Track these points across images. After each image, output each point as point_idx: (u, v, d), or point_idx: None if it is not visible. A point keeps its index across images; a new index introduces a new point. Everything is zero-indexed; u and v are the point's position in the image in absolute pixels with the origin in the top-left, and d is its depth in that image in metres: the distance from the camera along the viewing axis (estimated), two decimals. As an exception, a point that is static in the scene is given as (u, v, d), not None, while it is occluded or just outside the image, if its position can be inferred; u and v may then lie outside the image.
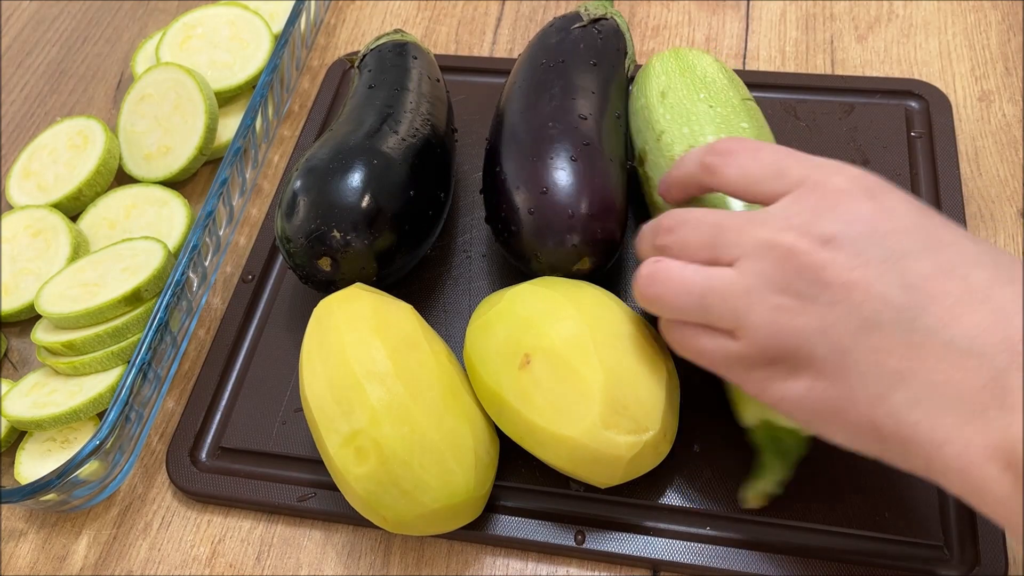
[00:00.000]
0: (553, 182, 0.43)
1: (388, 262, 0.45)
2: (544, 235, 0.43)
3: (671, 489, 0.42)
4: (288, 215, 0.45)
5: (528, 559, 0.42)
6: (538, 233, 0.43)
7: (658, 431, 0.38)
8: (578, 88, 0.47)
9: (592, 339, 0.38)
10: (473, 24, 0.66)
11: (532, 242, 0.43)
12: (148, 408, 0.47)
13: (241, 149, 0.53)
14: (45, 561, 0.45)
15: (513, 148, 0.45)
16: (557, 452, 0.38)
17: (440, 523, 0.38)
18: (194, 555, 0.44)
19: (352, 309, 0.41)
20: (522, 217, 0.43)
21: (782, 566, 0.39)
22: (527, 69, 0.49)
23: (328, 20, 0.68)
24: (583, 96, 0.46)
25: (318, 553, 0.43)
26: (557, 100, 0.46)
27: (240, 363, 0.49)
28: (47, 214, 0.54)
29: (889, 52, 0.59)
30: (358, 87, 0.52)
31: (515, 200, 0.43)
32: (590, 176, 0.43)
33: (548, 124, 0.45)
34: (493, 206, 0.45)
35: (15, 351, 0.53)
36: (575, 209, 0.42)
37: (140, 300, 0.48)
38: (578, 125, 0.45)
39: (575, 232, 0.42)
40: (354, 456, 0.37)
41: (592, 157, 0.44)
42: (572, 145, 0.44)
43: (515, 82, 0.49)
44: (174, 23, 0.62)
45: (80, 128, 0.58)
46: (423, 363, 0.39)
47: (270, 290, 0.52)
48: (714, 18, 0.63)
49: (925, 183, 0.51)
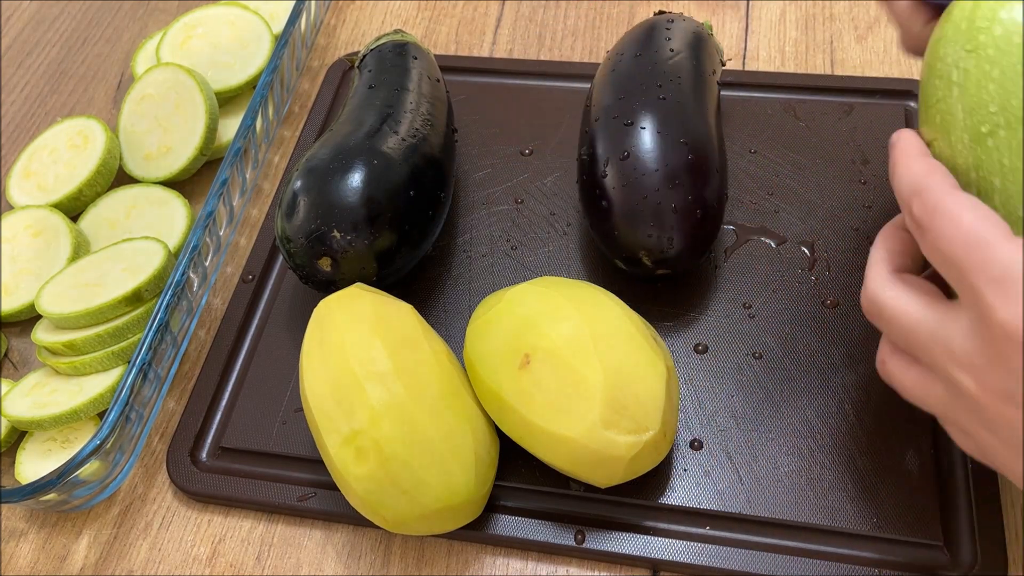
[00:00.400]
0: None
1: (388, 262, 0.45)
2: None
3: (671, 489, 0.42)
4: (288, 215, 0.45)
5: (528, 559, 0.42)
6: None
7: (658, 431, 0.38)
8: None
9: (592, 339, 0.38)
10: (473, 24, 0.66)
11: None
12: (148, 408, 0.47)
13: (241, 149, 0.53)
14: (45, 561, 0.45)
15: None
16: (557, 452, 0.38)
17: (440, 523, 0.38)
18: (194, 555, 0.44)
19: (352, 309, 0.41)
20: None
21: (782, 566, 0.39)
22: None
23: (328, 20, 0.68)
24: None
25: (318, 553, 0.43)
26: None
27: (240, 363, 0.49)
28: (47, 214, 0.54)
29: (889, 52, 0.59)
30: (358, 87, 0.52)
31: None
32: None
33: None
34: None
35: (15, 351, 0.53)
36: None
37: (140, 300, 0.48)
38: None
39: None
40: (354, 456, 0.37)
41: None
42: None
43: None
44: (174, 23, 0.62)
45: (80, 128, 0.58)
46: (423, 363, 0.39)
47: (270, 290, 0.52)
48: (714, 18, 0.63)
49: (925, 183, 0.51)
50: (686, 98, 0.46)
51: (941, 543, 0.39)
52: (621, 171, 0.44)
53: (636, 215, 0.43)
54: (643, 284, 0.48)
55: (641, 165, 0.43)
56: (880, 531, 0.40)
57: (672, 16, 0.52)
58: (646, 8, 0.64)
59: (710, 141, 0.45)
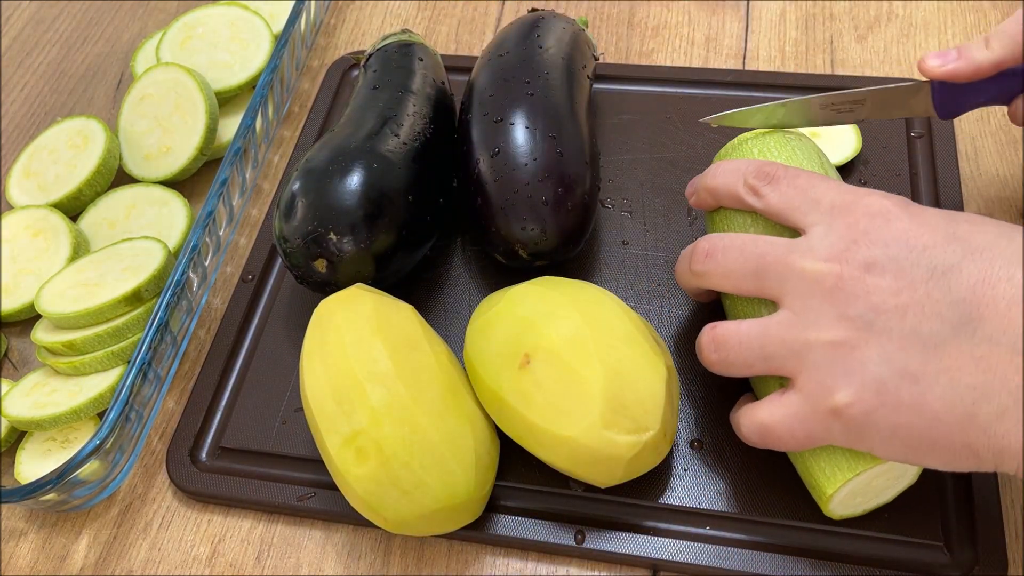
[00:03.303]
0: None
1: (385, 265, 0.45)
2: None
3: (671, 489, 0.42)
4: (286, 216, 0.45)
5: (528, 559, 0.42)
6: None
7: (658, 431, 0.38)
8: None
9: (592, 339, 0.38)
10: (473, 24, 0.66)
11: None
12: (148, 408, 0.47)
13: (241, 149, 0.53)
14: (45, 561, 0.45)
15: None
16: (557, 452, 0.38)
17: (440, 523, 0.38)
18: (194, 555, 0.44)
19: (353, 309, 0.41)
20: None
21: (782, 566, 0.39)
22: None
23: (328, 20, 0.68)
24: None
25: (318, 553, 0.43)
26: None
27: (240, 363, 0.49)
28: (47, 214, 0.54)
29: (889, 52, 0.59)
30: (361, 88, 0.52)
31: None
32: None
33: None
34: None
35: (15, 351, 0.53)
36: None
37: (140, 300, 0.48)
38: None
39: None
40: (354, 456, 0.37)
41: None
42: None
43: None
44: (174, 23, 0.62)
45: (80, 128, 0.58)
46: (424, 363, 0.39)
47: (270, 290, 0.52)
48: (714, 18, 0.63)
49: (925, 183, 0.51)
50: (555, 93, 0.47)
51: (941, 543, 0.39)
52: (492, 167, 0.45)
53: (509, 210, 0.44)
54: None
55: (511, 161, 0.44)
56: (880, 531, 0.40)
57: (544, 13, 0.54)
58: (645, 7, 0.64)
59: (579, 134, 0.47)
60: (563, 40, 0.51)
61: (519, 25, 0.53)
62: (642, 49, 0.62)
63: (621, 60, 0.61)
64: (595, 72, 0.55)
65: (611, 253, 0.50)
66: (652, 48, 0.62)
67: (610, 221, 0.52)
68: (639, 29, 0.63)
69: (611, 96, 0.58)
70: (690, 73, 0.58)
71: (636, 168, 0.54)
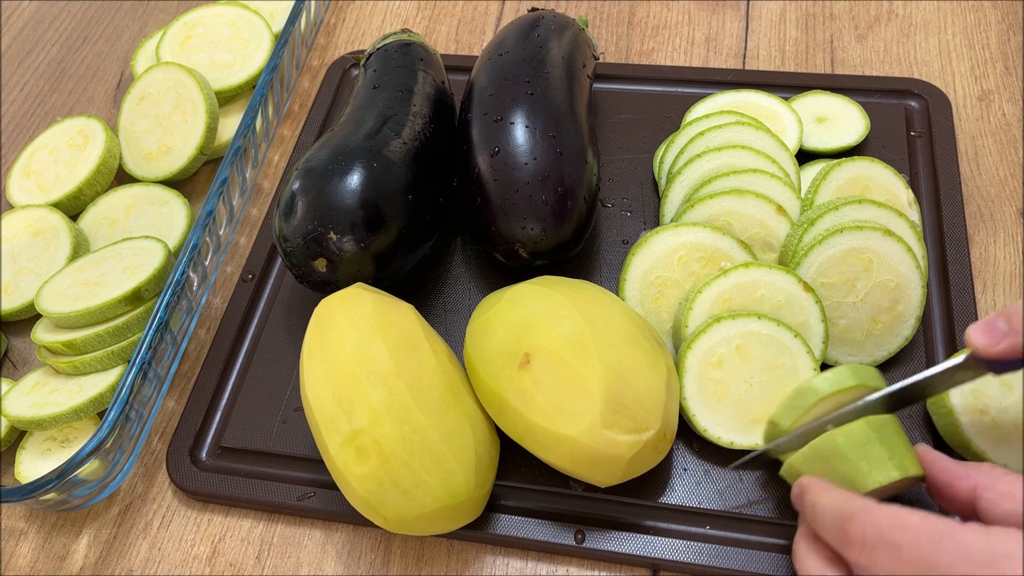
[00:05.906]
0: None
1: (384, 265, 0.45)
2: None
3: (671, 489, 0.42)
4: (286, 215, 0.45)
5: (528, 558, 0.42)
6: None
7: (658, 430, 0.38)
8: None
9: (592, 339, 0.38)
10: (473, 24, 0.66)
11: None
12: (148, 407, 0.47)
13: (241, 148, 0.53)
14: (45, 560, 0.45)
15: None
16: (557, 452, 0.38)
17: (440, 523, 0.38)
18: (194, 554, 0.44)
19: (353, 309, 0.41)
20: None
21: (782, 566, 0.39)
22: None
23: (328, 20, 0.68)
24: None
25: (318, 552, 0.43)
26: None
27: (240, 363, 0.49)
28: (47, 213, 0.54)
29: (889, 51, 0.59)
30: (361, 87, 0.52)
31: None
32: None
33: None
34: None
35: (15, 351, 0.53)
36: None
37: (140, 299, 0.48)
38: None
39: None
40: (355, 456, 0.37)
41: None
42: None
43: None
44: (174, 23, 0.62)
45: (80, 128, 0.58)
46: (424, 363, 0.39)
47: (270, 290, 0.52)
48: (714, 18, 0.63)
49: (925, 183, 0.51)
50: (555, 93, 0.47)
51: (941, 543, 0.39)
52: (492, 167, 0.45)
53: (509, 209, 0.44)
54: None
55: (511, 160, 0.44)
56: (880, 531, 0.40)
57: (544, 12, 0.54)
58: (645, 7, 0.64)
59: (579, 134, 0.47)
60: (563, 40, 0.51)
61: (519, 25, 0.53)
62: (642, 49, 0.62)
63: (621, 60, 0.61)
64: (595, 72, 0.55)
65: (611, 253, 0.51)
66: (652, 48, 0.62)
67: (610, 221, 0.52)
68: (639, 29, 0.63)
69: (611, 96, 0.58)
70: (690, 73, 0.58)
71: (636, 168, 0.54)
